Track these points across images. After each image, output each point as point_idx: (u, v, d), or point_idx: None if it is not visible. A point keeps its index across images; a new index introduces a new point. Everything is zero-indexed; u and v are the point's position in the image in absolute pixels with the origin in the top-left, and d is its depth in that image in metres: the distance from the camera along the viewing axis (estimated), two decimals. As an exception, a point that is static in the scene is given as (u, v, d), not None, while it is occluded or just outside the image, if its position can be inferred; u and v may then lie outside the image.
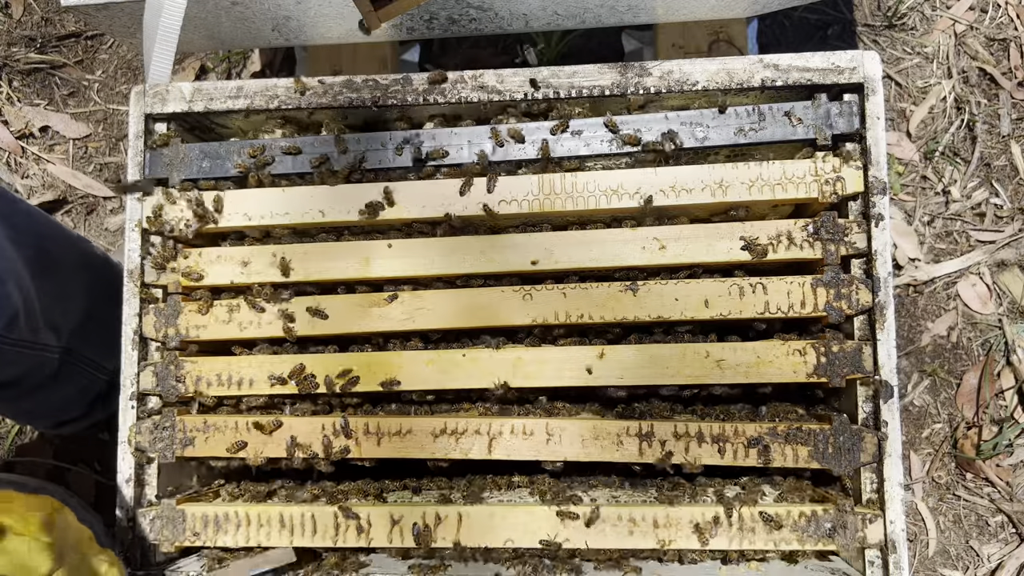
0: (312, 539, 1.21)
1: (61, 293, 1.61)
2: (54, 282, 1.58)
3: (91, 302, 1.72)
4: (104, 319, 1.76)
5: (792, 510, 1.16)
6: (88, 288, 1.72)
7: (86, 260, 1.75)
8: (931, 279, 2.05)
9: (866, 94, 1.20)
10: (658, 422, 1.19)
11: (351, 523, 1.21)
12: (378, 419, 1.23)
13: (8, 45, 2.32)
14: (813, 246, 1.19)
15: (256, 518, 1.23)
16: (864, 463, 1.16)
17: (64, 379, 1.69)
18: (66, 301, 1.63)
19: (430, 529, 1.19)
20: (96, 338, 1.73)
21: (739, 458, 1.17)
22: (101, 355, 1.76)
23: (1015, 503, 1.95)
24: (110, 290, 1.78)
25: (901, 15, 2.14)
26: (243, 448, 1.24)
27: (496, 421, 1.21)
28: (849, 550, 1.15)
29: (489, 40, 2.20)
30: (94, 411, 1.88)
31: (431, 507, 1.20)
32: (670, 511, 1.17)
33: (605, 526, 1.18)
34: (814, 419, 1.23)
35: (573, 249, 1.22)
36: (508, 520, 1.19)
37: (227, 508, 1.24)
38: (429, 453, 1.22)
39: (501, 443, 1.21)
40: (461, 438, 1.22)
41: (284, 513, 1.22)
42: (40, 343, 1.55)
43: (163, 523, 1.24)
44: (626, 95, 1.23)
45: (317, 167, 1.26)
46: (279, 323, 1.26)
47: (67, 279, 1.64)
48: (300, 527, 1.22)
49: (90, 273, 1.75)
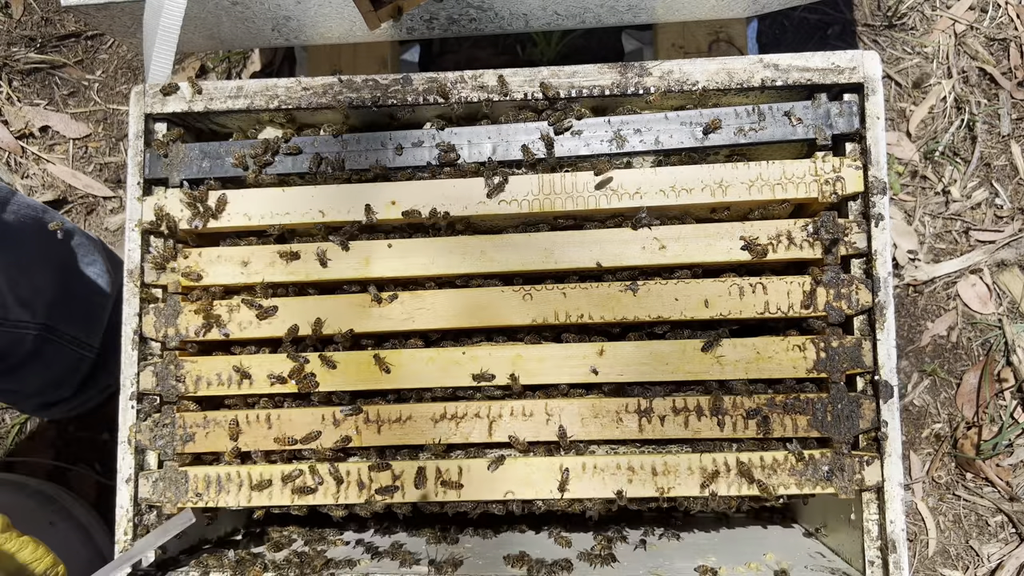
0: (313, 497, 1.23)
1: (25, 265, 1.56)
2: (15, 253, 1.54)
3: (61, 274, 1.68)
4: (81, 293, 1.73)
5: (790, 455, 1.17)
6: (52, 258, 1.67)
7: (45, 229, 1.68)
8: (931, 279, 2.06)
9: (866, 94, 1.20)
10: (656, 398, 1.20)
11: (352, 480, 1.22)
12: (378, 407, 1.24)
13: (8, 45, 2.32)
14: (813, 246, 1.19)
15: (259, 477, 1.24)
16: (863, 430, 1.17)
17: (48, 357, 1.67)
18: (32, 274, 1.58)
19: (431, 482, 1.20)
20: (76, 313, 1.70)
21: (739, 430, 1.18)
22: (84, 331, 1.73)
23: (1015, 503, 1.95)
24: (81, 261, 1.75)
25: (901, 15, 2.14)
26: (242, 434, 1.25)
27: (496, 404, 1.22)
28: (847, 492, 1.16)
29: (489, 40, 2.20)
30: (85, 391, 1.86)
31: (431, 462, 1.22)
32: (668, 459, 1.18)
33: (604, 475, 1.19)
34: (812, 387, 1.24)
35: (573, 249, 1.22)
36: (508, 472, 1.20)
37: (229, 469, 1.25)
38: (430, 439, 1.22)
39: (501, 425, 1.22)
40: (461, 422, 1.22)
41: (285, 472, 1.23)
42: (11, 319, 1.53)
43: (166, 484, 1.25)
44: (626, 95, 1.23)
45: (317, 167, 1.26)
46: (279, 324, 1.26)
47: (27, 249, 1.59)
48: (303, 484, 1.23)
49: (52, 243, 1.69)
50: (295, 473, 1.23)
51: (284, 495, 1.23)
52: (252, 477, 1.24)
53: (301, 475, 1.23)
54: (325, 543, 1.38)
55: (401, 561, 1.26)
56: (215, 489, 1.24)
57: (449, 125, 1.28)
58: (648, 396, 1.21)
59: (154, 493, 1.25)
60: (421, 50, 2.12)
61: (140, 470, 1.26)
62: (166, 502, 1.24)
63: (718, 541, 1.41)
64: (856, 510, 1.19)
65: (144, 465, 1.28)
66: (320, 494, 1.23)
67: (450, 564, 1.22)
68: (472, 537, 1.41)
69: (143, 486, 1.25)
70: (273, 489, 1.24)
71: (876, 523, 1.17)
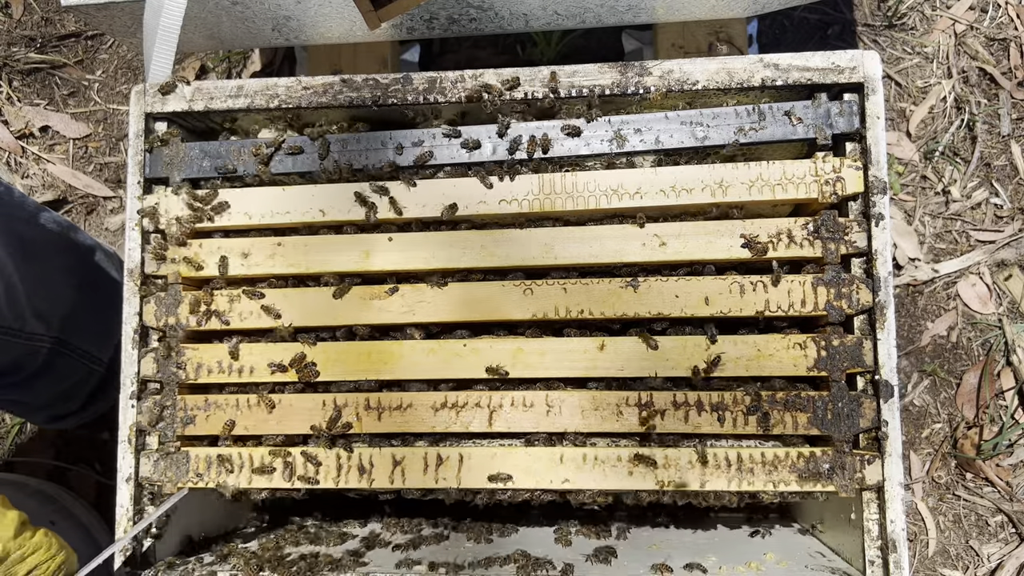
0: (313, 481, 1.23)
1: (45, 278, 1.57)
2: (38, 267, 1.55)
3: (79, 289, 1.69)
4: (96, 308, 1.73)
5: (791, 451, 1.17)
6: (74, 273, 1.68)
7: (71, 244, 1.71)
8: (931, 279, 2.06)
9: (866, 94, 1.20)
10: (657, 391, 1.20)
11: (353, 464, 1.22)
12: (379, 395, 1.24)
13: (8, 45, 2.32)
14: (813, 244, 1.19)
15: (260, 459, 1.24)
16: (863, 429, 1.17)
17: (59, 370, 1.67)
18: (50, 286, 1.59)
19: (432, 468, 1.20)
20: (89, 328, 1.70)
21: (739, 426, 1.18)
22: (96, 345, 1.74)
23: (1015, 503, 1.95)
24: (99, 276, 1.76)
25: (901, 15, 2.14)
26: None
27: (496, 394, 1.23)
28: (848, 491, 1.16)
29: (489, 40, 2.20)
30: (93, 403, 1.87)
31: (432, 449, 1.22)
32: (669, 452, 1.18)
33: (604, 466, 1.19)
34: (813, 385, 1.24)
35: (573, 245, 1.22)
36: (508, 461, 1.20)
37: (230, 450, 1.25)
38: (430, 427, 1.23)
39: (502, 415, 1.22)
40: (462, 411, 1.22)
41: (286, 455, 1.24)
42: (27, 331, 1.53)
43: (167, 464, 1.25)
44: (626, 95, 1.23)
45: (318, 166, 1.26)
46: (279, 314, 1.26)
47: (51, 263, 1.61)
48: (303, 468, 1.23)
49: (75, 258, 1.71)
50: (295, 457, 1.23)
51: (285, 479, 1.24)
52: (253, 459, 1.24)
53: (302, 459, 1.23)
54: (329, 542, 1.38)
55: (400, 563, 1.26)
56: (216, 470, 1.24)
57: (449, 125, 1.28)
58: (648, 389, 1.21)
59: (155, 472, 1.25)
60: (421, 50, 2.12)
61: (141, 451, 1.26)
62: (167, 481, 1.25)
63: (718, 541, 1.41)
64: (856, 510, 1.19)
65: (144, 446, 1.28)
66: (320, 478, 1.23)
67: (452, 566, 1.22)
68: (472, 536, 1.41)
69: (144, 465, 1.25)
70: (275, 473, 1.24)
71: (876, 523, 1.17)
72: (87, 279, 1.73)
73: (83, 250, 1.75)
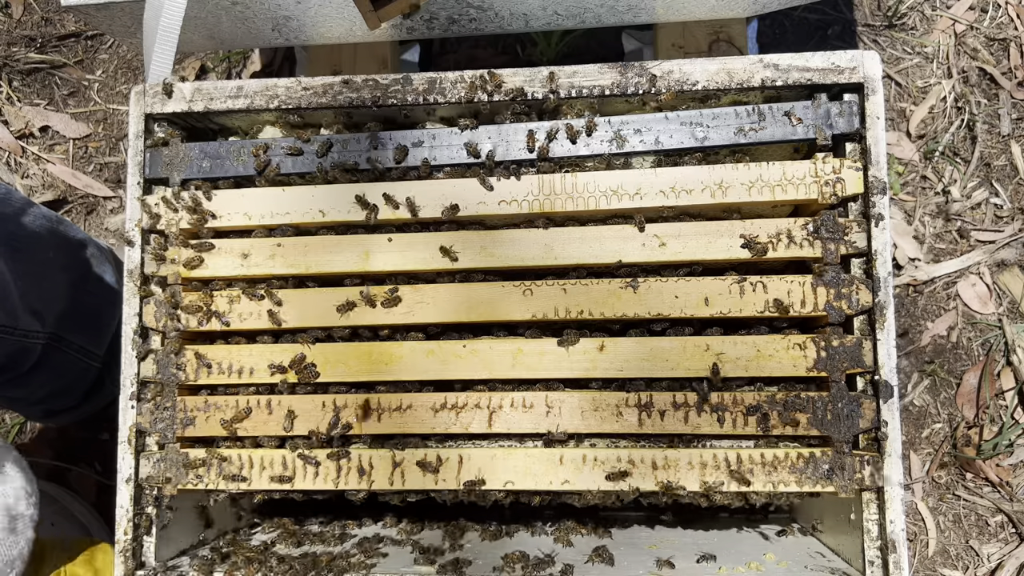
0: (314, 482, 1.23)
1: (37, 273, 1.56)
2: (29, 262, 1.54)
3: (72, 284, 1.68)
4: (90, 302, 1.73)
5: (790, 452, 1.17)
6: (66, 268, 1.67)
7: (62, 239, 1.70)
8: (931, 279, 2.06)
9: (866, 94, 1.20)
10: (657, 392, 1.20)
11: (352, 465, 1.22)
12: (378, 395, 1.24)
13: (8, 45, 2.32)
14: (813, 245, 1.19)
15: (259, 461, 1.24)
16: (863, 429, 1.17)
17: (55, 366, 1.67)
18: (43, 282, 1.59)
19: (431, 469, 1.21)
20: (84, 323, 1.70)
21: (738, 426, 1.18)
22: (91, 340, 1.73)
23: (1015, 503, 1.95)
24: (92, 271, 1.75)
25: (901, 15, 2.14)
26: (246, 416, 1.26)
27: (496, 395, 1.23)
28: (847, 491, 1.16)
29: (489, 40, 2.20)
30: (91, 398, 1.86)
31: (432, 450, 1.22)
32: (668, 453, 1.19)
33: (604, 467, 1.19)
34: (813, 386, 1.24)
35: (573, 245, 1.22)
36: (508, 462, 1.21)
37: (230, 452, 1.25)
38: (429, 428, 1.23)
39: (501, 416, 1.22)
40: (461, 412, 1.22)
41: (287, 457, 1.24)
42: (20, 328, 1.52)
43: (166, 465, 1.25)
44: (626, 95, 1.23)
45: (318, 167, 1.26)
46: (279, 315, 1.26)
47: (42, 259, 1.60)
48: (302, 470, 1.23)
49: (67, 253, 1.70)
50: (295, 458, 1.23)
51: (285, 480, 1.23)
52: (253, 461, 1.24)
53: (302, 461, 1.23)
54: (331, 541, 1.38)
55: (400, 563, 1.26)
56: (215, 471, 1.25)
57: (450, 125, 1.28)
58: (648, 389, 1.21)
59: (155, 473, 1.25)
60: (421, 50, 2.12)
61: (141, 452, 1.26)
62: (166, 482, 1.25)
63: (718, 541, 1.41)
64: (856, 510, 1.19)
65: (144, 447, 1.28)
66: (320, 479, 1.23)
67: (452, 566, 1.22)
68: (474, 534, 1.41)
69: (144, 466, 1.26)
70: (275, 474, 1.23)
71: (876, 523, 1.17)
72: (80, 274, 1.72)
73: (74, 245, 1.74)
